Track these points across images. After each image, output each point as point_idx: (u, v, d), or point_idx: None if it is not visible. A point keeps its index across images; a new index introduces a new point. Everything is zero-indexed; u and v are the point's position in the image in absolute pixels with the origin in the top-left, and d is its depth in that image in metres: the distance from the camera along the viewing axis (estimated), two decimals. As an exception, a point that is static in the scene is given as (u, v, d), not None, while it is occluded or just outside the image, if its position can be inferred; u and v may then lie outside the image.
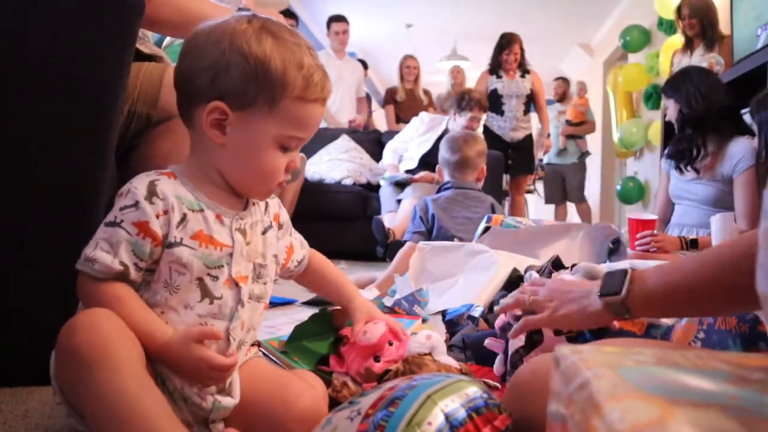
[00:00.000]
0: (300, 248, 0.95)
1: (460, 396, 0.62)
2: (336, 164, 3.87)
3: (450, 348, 1.21)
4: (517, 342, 0.99)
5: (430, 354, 0.92)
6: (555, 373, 0.37)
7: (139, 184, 0.72)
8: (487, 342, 1.05)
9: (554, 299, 0.84)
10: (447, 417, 0.59)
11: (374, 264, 3.01)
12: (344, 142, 4.05)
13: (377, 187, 3.71)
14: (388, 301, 1.41)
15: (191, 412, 0.73)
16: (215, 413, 0.75)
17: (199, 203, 0.75)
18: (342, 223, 3.70)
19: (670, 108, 2.44)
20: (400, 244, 2.37)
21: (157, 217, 0.71)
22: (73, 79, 0.96)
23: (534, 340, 0.96)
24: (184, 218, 0.73)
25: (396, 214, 3.18)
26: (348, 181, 3.80)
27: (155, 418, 0.62)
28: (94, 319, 0.65)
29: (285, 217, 0.89)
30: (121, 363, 0.63)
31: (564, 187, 5.78)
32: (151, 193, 0.71)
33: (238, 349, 0.77)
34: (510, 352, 1.01)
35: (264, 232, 0.82)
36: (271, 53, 0.72)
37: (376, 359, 0.92)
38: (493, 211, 2.32)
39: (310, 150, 3.81)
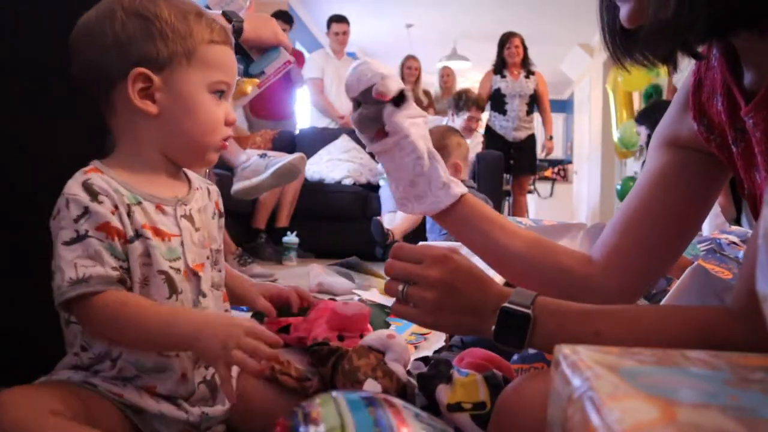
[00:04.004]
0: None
1: None
2: (336, 164, 3.88)
3: (450, 348, 1.21)
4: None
5: (382, 354, 0.84)
6: (555, 374, 0.37)
7: (74, 190, 0.68)
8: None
9: (439, 300, 0.68)
10: None
11: (374, 264, 3.01)
12: (344, 142, 4.04)
13: (377, 187, 3.71)
14: (389, 302, 1.41)
15: (181, 429, 0.72)
16: (205, 423, 0.73)
17: (135, 196, 0.70)
18: (342, 223, 3.70)
19: (642, 134, 2.93)
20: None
21: (112, 213, 0.67)
22: (74, 80, 0.96)
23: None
24: (129, 211, 0.69)
25: (396, 215, 3.18)
26: (348, 181, 3.80)
27: None
28: (12, 400, 0.63)
29: (222, 207, 0.85)
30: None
31: None
32: (93, 192, 0.68)
33: None
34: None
35: (213, 217, 0.80)
36: (167, 7, 0.72)
37: (340, 338, 0.90)
38: None
39: (310, 150, 3.81)
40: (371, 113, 0.81)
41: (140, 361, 0.69)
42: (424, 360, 0.84)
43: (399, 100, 0.80)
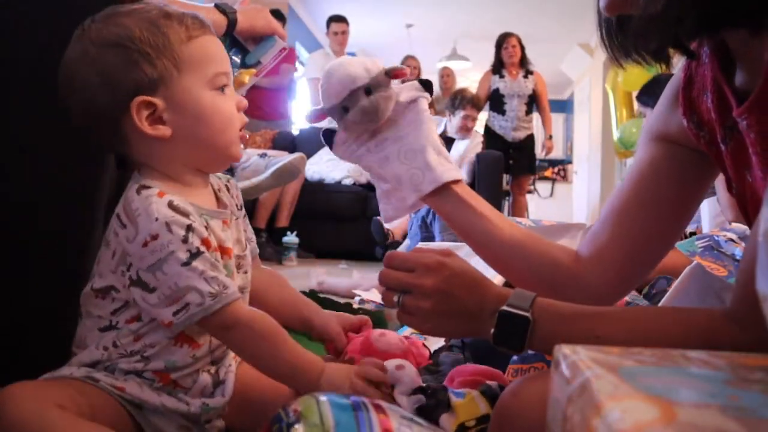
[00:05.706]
0: (250, 234, 0.86)
1: None
2: (336, 164, 3.87)
3: (450, 348, 1.21)
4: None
5: (392, 388, 0.77)
6: (554, 374, 0.37)
7: (168, 213, 0.66)
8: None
9: (435, 308, 0.66)
10: None
11: (374, 264, 3.01)
12: (344, 142, 4.04)
13: (377, 187, 3.71)
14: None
15: (183, 417, 0.73)
16: (205, 415, 0.74)
17: (203, 216, 0.71)
18: (342, 223, 3.71)
19: (648, 114, 2.72)
20: (399, 244, 2.36)
21: (204, 229, 0.69)
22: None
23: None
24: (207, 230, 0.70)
25: (396, 215, 3.18)
26: (348, 181, 3.80)
27: None
28: (19, 393, 0.63)
29: (241, 199, 0.85)
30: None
31: None
32: (183, 212, 0.67)
33: None
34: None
35: (236, 219, 0.80)
36: (135, 24, 0.68)
37: None
38: None
39: (310, 150, 3.81)
40: (374, 103, 0.78)
41: (172, 360, 0.71)
42: (422, 390, 0.81)
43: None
